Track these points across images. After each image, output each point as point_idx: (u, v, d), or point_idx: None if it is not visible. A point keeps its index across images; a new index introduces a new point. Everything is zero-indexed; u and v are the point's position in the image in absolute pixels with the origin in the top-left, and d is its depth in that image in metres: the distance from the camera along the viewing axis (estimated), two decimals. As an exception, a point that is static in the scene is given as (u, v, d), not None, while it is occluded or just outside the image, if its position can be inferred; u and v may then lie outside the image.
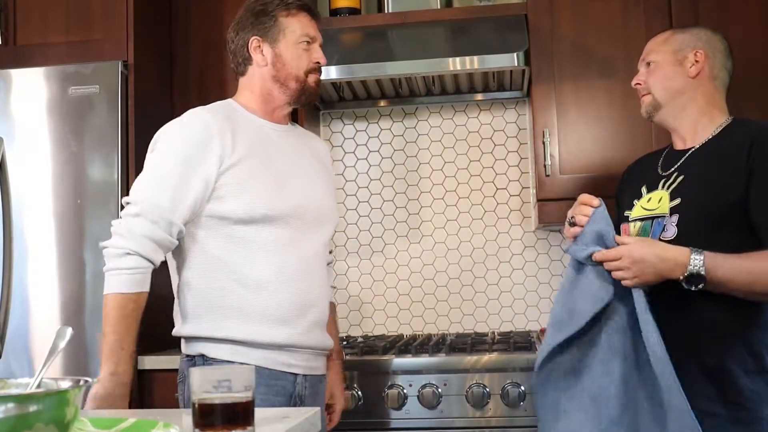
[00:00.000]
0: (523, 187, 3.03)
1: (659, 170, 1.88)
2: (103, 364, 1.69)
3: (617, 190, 2.04)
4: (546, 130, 2.62)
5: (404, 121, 3.11)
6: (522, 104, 3.06)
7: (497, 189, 3.05)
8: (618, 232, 1.92)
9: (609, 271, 1.66)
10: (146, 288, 1.73)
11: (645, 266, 1.61)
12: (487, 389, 2.27)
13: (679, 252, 1.63)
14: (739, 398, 1.64)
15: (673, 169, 1.84)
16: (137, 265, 1.70)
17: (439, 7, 2.82)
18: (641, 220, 1.83)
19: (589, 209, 1.72)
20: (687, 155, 1.83)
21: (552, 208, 2.61)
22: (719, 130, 1.83)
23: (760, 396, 1.64)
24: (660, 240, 1.74)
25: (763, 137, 1.72)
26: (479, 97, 3.05)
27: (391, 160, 3.11)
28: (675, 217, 1.74)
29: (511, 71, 2.71)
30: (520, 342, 2.43)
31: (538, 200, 2.64)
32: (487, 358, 2.30)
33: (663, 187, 1.82)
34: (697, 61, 1.84)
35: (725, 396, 1.64)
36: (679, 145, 1.89)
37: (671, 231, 1.74)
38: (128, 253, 1.70)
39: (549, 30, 2.65)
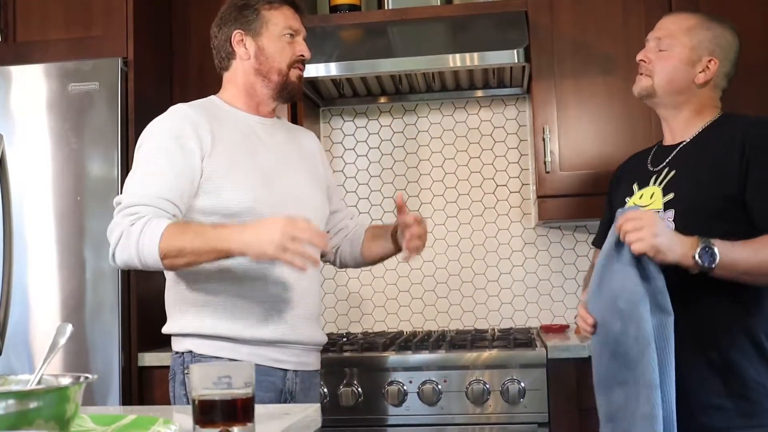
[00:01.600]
0: (523, 184, 3.03)
1: (649, 166, 1.89)
2: (229, 251, 1.63)
3: (609, 189, 2.05)
4: (546, 126, 2.62)
5: (404, 118, 3.11)
6: (522, 101, 3.05)
7: (497, 186, 3.04)
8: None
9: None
10: (172, 219, 1.68)
11: (661, 230, 1.57)
12: (487, 386, 2.27)
13: (688, 236, 1.60)
14: (745, 390, 1.65)
15: (663, 164, 1.84)
16: (145, 221, 1.65)
17: (439, 4, 2.82)
18: None
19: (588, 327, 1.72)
20: (677, 150, 1.84)
21: (552, 204, 2.62)
22: (708, 123, 1.84)
23: (765, 388, 1.66)
24: None
25: (755, 131, 1.73)
26: (479, 93, 3.04)
27: (391, 156, 3.11)
28: (671, 213, 1.74)
29: (511, 68, 2.71)
30: (520, 339, 2.43)
31: (538, 197, 2.64)
32: (487, 354, 2.30)
33: (655, 182, 1.82)
34: (708, 68, 1.82)
35: (731, 389, 1.65)
36: (668, 140, 1.90)
37: (668, 227, 1.73)
38: (131, 226, 1.65)
39: (549, 26, 2.65)
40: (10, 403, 0.87)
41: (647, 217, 1.59)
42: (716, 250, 1.56)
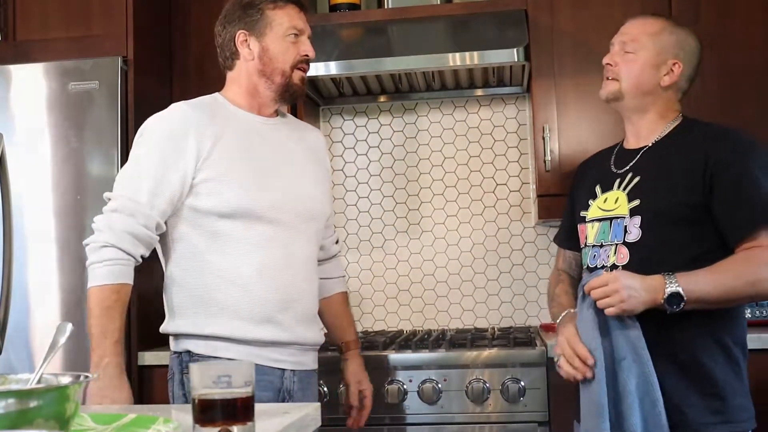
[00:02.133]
0: (523, 183, 3.03)
1: (612, 167, 1.90)
2: (91, 358, 1.69)
3: (570, 188, 2.07)
4: (546, 125, 2.62)
5: (404, 117, 3.11)
6: (522, 100, 3.05)
7: (497, 185, 3.05)
8: (575, 234, 1.95)
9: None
10: (128, 280, 1.73)
11: (632, 291, 1.63)
12: (487, 385, 2.27)
13: (654, 277, 1.65)
14: (713, 389, 1.71)
15: (627, 167, 1.87)
16: (115, 256, 1.70)
17: (438, 3, 2.82)
18: (599, 220, 1.85)
19: (583, 371, 1.73)
20: (641, 154, 1.87)
21: (552, 203, 2.61)
22: (670, 128, 1.86)
23: (731, 386, 1.72)
24: (624, 242, 1.78)
25: (722, 141, 1.76)
26: (479, 92, 3.05)
27: (391, 155, 3.11)
28: (637, 219, 1.77)
29: (511, 67, 2.71)
30: (520, 337, 2.43)
31: (538, 196, 2.64)
32: (487, 353, 2.30)
33: (619, 187, 1.84)
34: (672, 71, 1.85)
35: (700, 387, 1.71)
36: (631, 143, 1.92)
37: (635, 233, 1.77)
38: (105, 246, 1.70)
39: (549, 25, 2.65)
40: (10, 402, 0.88)
41: (611, 282, 1.64)
42: (682, 291, 1.62)
